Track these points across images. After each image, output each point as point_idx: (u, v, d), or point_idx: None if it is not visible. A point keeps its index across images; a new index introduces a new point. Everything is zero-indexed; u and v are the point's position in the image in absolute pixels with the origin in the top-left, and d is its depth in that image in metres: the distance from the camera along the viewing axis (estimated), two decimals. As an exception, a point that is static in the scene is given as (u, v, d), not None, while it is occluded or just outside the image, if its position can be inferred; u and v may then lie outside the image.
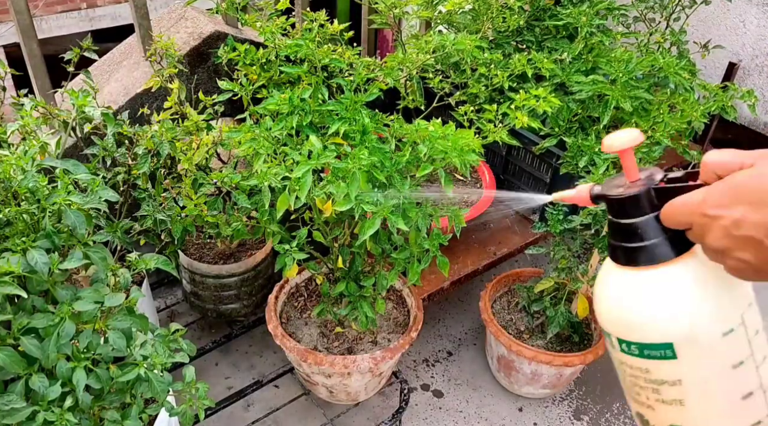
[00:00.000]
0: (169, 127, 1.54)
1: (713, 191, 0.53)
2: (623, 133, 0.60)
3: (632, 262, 0.60)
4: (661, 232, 0.59)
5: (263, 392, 2.07)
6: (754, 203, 0.50)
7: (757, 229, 0.50)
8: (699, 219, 0.54)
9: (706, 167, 0.55)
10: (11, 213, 1.06)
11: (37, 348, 1.00)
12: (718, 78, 2.84)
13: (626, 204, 0.60)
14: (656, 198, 0.59)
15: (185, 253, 2.09)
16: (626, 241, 0.60)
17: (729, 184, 0.52)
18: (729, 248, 0.52)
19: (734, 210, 0.51)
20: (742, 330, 0.60)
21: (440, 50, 1.51)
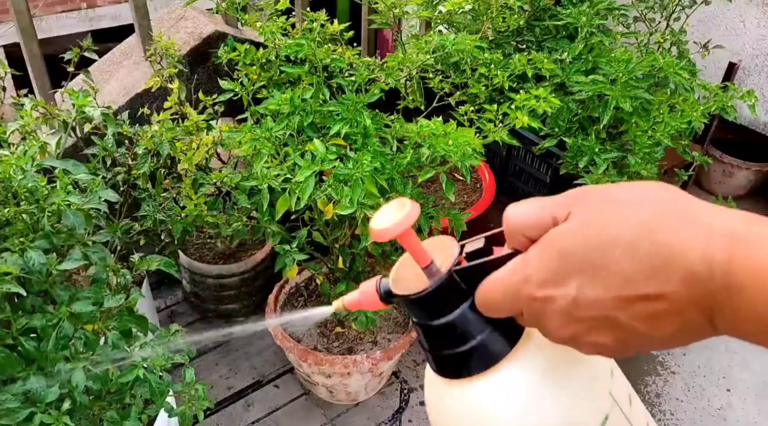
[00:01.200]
0: (169, 127, 1.54)
1: (532, 265, 0.39)
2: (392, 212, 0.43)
3: (461, 373, 0.45)
4: (485, 324, 0.44)
5: (263, 392, 2.07)
6: (587, 271, 0.37)
7: (603, 306, 0.37)
8: (527, 304, 0.40)
9: (510, 229, 0.41)
10: (10, 213, 1.06)
11: (35, 348, 1.00)
12: (718, 78, 2.83)
13: (426, 301, 0.45)
14: (463, 281, 0.44)
15: (185, 253, 2.09)
16: (444, 348, 0.45)
17: (548, 251, 0.38)
18: (577, 334, 0.39)
19: (567, 287, 0.37)
20: (617, 411, 0.47)
21: (440, 50, 1.51)
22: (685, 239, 0.34)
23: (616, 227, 0.36)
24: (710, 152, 2.99)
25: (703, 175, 3.16)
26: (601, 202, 0.38)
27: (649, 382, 2.24)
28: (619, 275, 0.36)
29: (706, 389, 2.22)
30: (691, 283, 0.34)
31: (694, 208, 0.36)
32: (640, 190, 0.38)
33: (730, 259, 0.33)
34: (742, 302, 0.33)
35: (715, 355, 2.35)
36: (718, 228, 0.34)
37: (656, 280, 0.35)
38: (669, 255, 0.34)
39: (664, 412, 2.14)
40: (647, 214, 0.36)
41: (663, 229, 0.35)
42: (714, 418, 2.12)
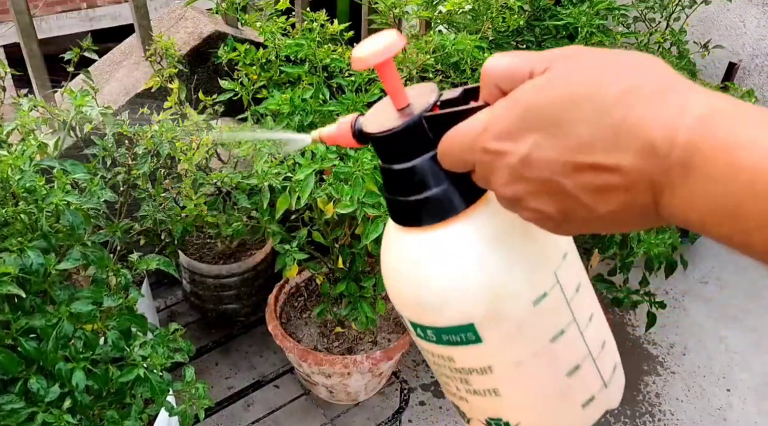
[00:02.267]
0: (169, 127, 1.54)
1: (495, 116, 0.37)
2: (374, 40, 0.42)
3: (412, 221, 0.45)
4: (444, 178, 0.43)
5: (263, 392, 2.07)
6: (547, 129, 0.35)
7: (552, 168, 0.35)
8: (480, 156, 0.38)
9: (485, 79, 0.39)
10: (9, 213, 1.06)
11: (35, 349, 1.00)
12: (718, 78, 2.84)
13: (391, 143, 0.44)
14: (431, 130, 0.43)
15: (185, 253, 2.09)
16: (401, 194, 0.45)
17: (513, 103, 0.36)
18: (521, 195, 0.37)
19: (522, 142, 0.36)
20: (558, 291, 0.46)
21: (440, 50, 1.51)
22: (655, 113, 0.32)
23: (591, 89, 0.34)
24: (710, 152, 2.99)
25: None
26: (585, 61, 0.36)
27: (649, 382, 2.24)
28: (577, 139, 0.34)
29: (706, 389, 2.22)
30: (648, 156, 0.32)
31: (677, 86, 0.33)
32: (630, 59, 0.35)
33: (694, 135, 0.31)
34: (696, 181, 0.31)
35: (715, 355, 2.35)
36: (693, 106, 0.32)
37: (612, 150, 0.33)
38: (634, 125, 0.32)
39: (664, 412, 2.14)
40: (627, 84, 0.33)
41: (637, 101, 0.33)
42: (714, 418, 2.12)
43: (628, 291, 1.84)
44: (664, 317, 2.38)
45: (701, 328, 2.49)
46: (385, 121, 0.44)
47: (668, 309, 1.98)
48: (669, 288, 2.60)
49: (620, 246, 1.65)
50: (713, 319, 2.53)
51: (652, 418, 2.13)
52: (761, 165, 0.29)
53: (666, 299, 2.07)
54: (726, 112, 0.32)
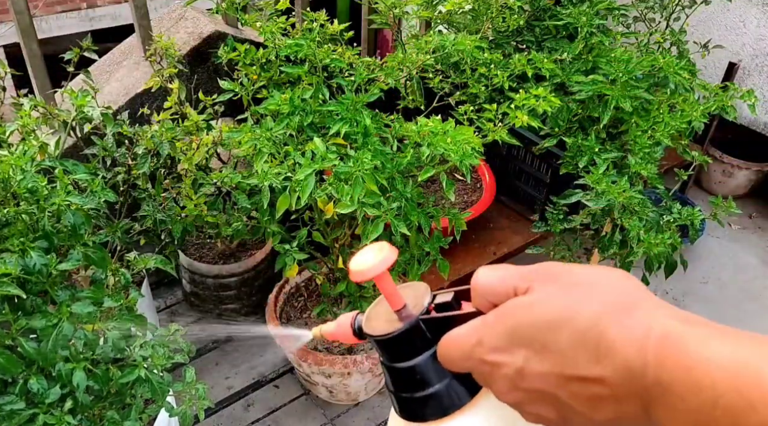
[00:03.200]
0: (169, 127, 1.54)
1: (487, 330, 0.41)
2: (371, 255, 0.46)
3: (417, 417, 0.47)
4: (444, 374, 0.46)
5: (263, 392, 2.07)
6: (533, 347, 0.39)
7: (546, 381, 0.39)
8: (479, 366, 0.42)
9: (476, 292, 0.44)
10: (10, 213, 1.06)
11: (35, 349, 1.00)
12: (718, 78, 2.84)
13: (392, 344, 0.47)
14: (429, 330, 0.46)
15: (185, 253, 2.09)
16: (406, 390, 0.47)
17: (503, 320, 0.41)
18: (521, 401, 0.41)
19: (515, 356, 0.40)
20: None
21: (440, 50, 1.51)
22: (626, 334, 0.36)
23: (568, 311, 0.38)
24: (710, 152, 2.99)
25: (703, 175, 3.16)
26: (561, 283, 0.40)
27: (649, 382, 2.24)
28: (563, 355, 0.38)
29: (706, 389, 2.21)
30: (627, 376, 0.36)
31: (642, 304, 0.38)
32: (600, 279, 0.40)
33: (661, 358, 0.35)
34: (673, 398, 0.35)
35: None
36: (656, 326, 0.36)
37: (597, 365, 0.37)
38: (611, 345, 0.36)
39: (664, 412, 2.14)
40: (599, 305, 0.38)
41: (610, 322, 0.37)
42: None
43: (628, 291, 1.84)
44: (664, 317, 2.38)
45: (701, 327, 2.48)
46: (383, 322, 0.48)
47: (668, 309, 1.98)
48: (669, 288, 2.60)
49: (620, 246, 1.65)
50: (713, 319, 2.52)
51: None
52: (717, 383, 0.33)
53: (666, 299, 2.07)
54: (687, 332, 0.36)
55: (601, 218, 1.68)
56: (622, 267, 1.69)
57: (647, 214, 1.60)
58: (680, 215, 1.68)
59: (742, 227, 2.99)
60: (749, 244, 2.92)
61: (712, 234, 2.88)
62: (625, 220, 1.58)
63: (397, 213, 1.30)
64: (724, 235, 2.88)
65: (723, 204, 1.71)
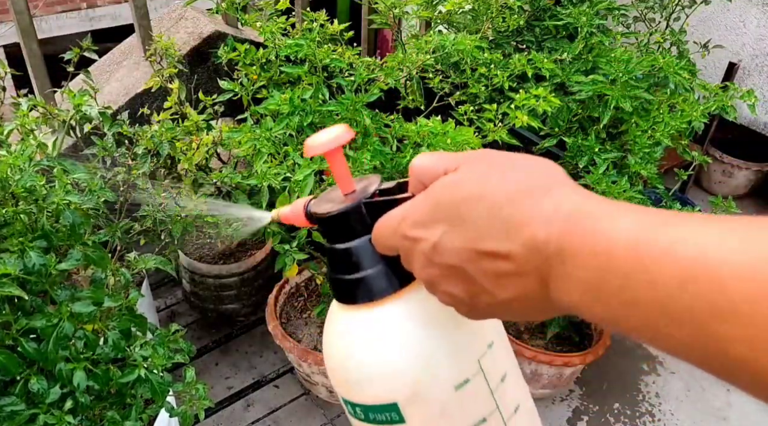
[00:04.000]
0: (169, 127, 1.54)
1: (413, 208, 0.43)
2: (326, 132, 0.47)
3: (348, 299, 0.48)
4: (379, 260, 0.46)
5: (263, 392, 2.07)
6: (453, 220, 0.40)
7: (457, 255, 0.40)
8: (401, 242, 0.43)
9: (412, 175, 0.45)
10: (9, 213, 1.06)
11: (35, 349, 1.00)
12: (718, 78, 2.84)
13: (334, 224, 0.48)
14: (370, 215, 0.47)
15: (185, 253, 2.09)
16: (341, 272, 0.48)
17: (427, 197, 0.42)
18: (434, 278, 0.42)
19: (433, 231, 0.41)
20: (481, 380, 0.48)
21: (440, 50, 1.51)
22: (537, 211, 0.37)
23: (488, 187, 0.39)
24: (710, 152, 2.99)
25: (703, 175, 3.16)
26: (486, 163, 0.41)
27: (649, 382, 2.24)
28: (476, 230, 0.39)
29: (706, 389, 2.22)
30: (532, 248, 0.37)
31: (559, 187, 0.39)
32: (525, 162, 0.41)
33: (566, 228, 0.36)
34: (569, 265, 0.35)
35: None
36: (566, 204, 0.37)
37: (505, 240, 0.38)
38: (520, 221, 0.37)
39: (663, 412, 2.14)
40: (518, 184, 0.39)
41: (523, 200, 0.38)
42: (714, 418, 2.13)
43: (628, 291, 1.84)
44: (664, 317, 2.37)
45: (701, 328, 2.48)
46: (330, 204, 0.49)
47: (668, 309, 1.98)
48: (669, 288, 2.60)
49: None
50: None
51: (652, 418, 2.13)
52: (614, 248, 0.34)
53: (666, 299, 2.07)
54: (593, 208, 0.37)
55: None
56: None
57: (647, 214, 1.59)
58: (680, 215, 1.68)
59: (742, 227, 2.99)
60: (749, 244, 2.91)
61: (712, 234, 2.88)
62: (625, 220, 1.57)
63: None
64: (724, 235, 2.87)
65: (723, 204, 1.71)
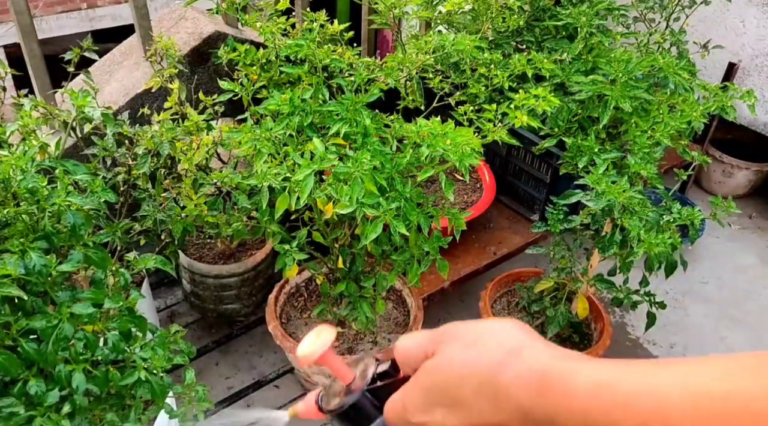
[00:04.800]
0: (169, 128, 1.54)
1: (409, 396, 0.49)
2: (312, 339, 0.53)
3: None
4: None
5: (263, 392, 2.07)
6: (446, 404, 0.46)
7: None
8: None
9: (398, 360, 0.52)
10: (10, 213, 1.06)
11: (35, 350, 1.00)
12: (717, 78, 2.84)
13: (348, 415, 0.54)
14: (376, 398, 0.53)
15: (185, 253, 2.09)
16: None
17: (419, 384, 0.48)
18: None
19: (434, 415, 0.47)
20: None
21: (440, 50, 1.51)
22: (515, 380, 0.43)
23: (467, 368, 0.45)
24: (710, 152, 2.99)
25: (703, 175, 3.16)
26: (460, 342, 0.47)
27: (649, 382, 2.24)
28: (470, 408, 0.45)
29: (706, 389, 2.21)
30: (522, 415, 0.42)
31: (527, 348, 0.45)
32: (493, 331, 0.47)
33: (543, 394, 0.41)
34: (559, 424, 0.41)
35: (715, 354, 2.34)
36: (536, 366, 0.43)
37: (497, 412, 0.43)
38: (505, 392, 0.43)
39: (664, 412, 2.14)
40: (492, 356, 0.45)
41: (501, 371, 0.44)
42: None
43: (628, 291, 1.84)
44: (664, 317, 2.38)
45: (701, 328, 2.49)
46: (337, 397, 0.55)
47: (668, 309, 1.98)
48: (669, 288, 2.60)
49: (620, 246, 1.65)
50: (713, 319, 2.53)
51: None
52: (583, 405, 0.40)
53: (666, 299, 2.07)
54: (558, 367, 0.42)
55: (601, 218, 1.68)
56: (622, 267, 1.69)
57: (647, 214, 1.59)
58: (680, 215, 1.68)
59: (742, 227, 2.99)
60: (749, 244, 2.92)
61: (712, 234, 2.88)
62: (625, 220, 1.58)
63: (396, 213, 1.30)
64: (724, 235, 2.88)
65: (723, 204, 1.71)
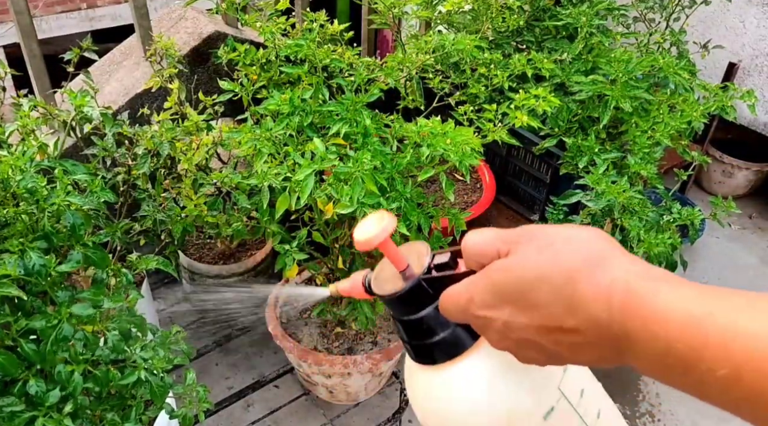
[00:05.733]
0: (169, 128, 1.54)
1: (477, 289, 0.47)
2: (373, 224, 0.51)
3: (429, 361, 0.54)
4: (448, 324, 0.52)
5: (263, 392, 2.07)
6: (516, 303, 0.45)
7: (529, 332, 0.45)
8: (473, 320, 0.49)
9: (466, 254, 0.50)
10: (9, 213, 1.06)
11: (34, 350, 1.00)
12: (718, 78, 2.83)
13: (401, 301, 0.53)
14: (430, 287, 0.52)
15: (185, 253, 2.09)
16: (417, 339, 0.54)
17: (489, 281, 0.47)
18: (511, 349, 0.48)
19: (501, 312, 0.46)
20: (564, 403, 0.54)
21: (440, 50, 1.51)
22: (594, 289, 0.42)
23: (545, 269, 0.44)
24: (710, 152, 2.99)
25: (703, 175, 3.16)
26: (537, 243, 0.46)
27: (648, 382, 2.24)
28: (542, 310, 0.44)
29: (706, 389, 2.21)
30: (597, 327, 0.42)
31: (610, 259, 0.43)
32: (573, 237, 0.45)
33: (624, 311, 0.40)
34: (636, 346, 0.40)
35: None
36: (620, 281, 0.41)
37: (571, 318, 0.43)
38: (581, 299, 0.42)
39: (663, 413, 2.14)
40: (571, 263, 0.43)
41: (580, 277, 0.42)
42: (714, 418, 2.12)
43: (628, 291, 1.84)
44: (664, 317, 2.37)
45: (701, 328, 2.48)
46: (390, 282, 0.54)
47: (668, 309, 1.98)
48: (669, 288, 2.60)
49: (620, 246, 1.65)
50: (713, 319, 2.52)
51: (652, 418, 2.13)
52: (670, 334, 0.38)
53: (666, 299, 2.07)
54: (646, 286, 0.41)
55: (601, 218, 1.68)
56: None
57: (647, 214, 1.59)
58: (680, 215, 1.68)
59: (742, 227, 2.99)
60: (749, 244, 2.92)
61: (712, 234, 2.88)
62: (625, 220, 1.58)
63: (396, 213, 1.30)
64: (724, 235, 2.88)
65: (723, 204, 1.71)
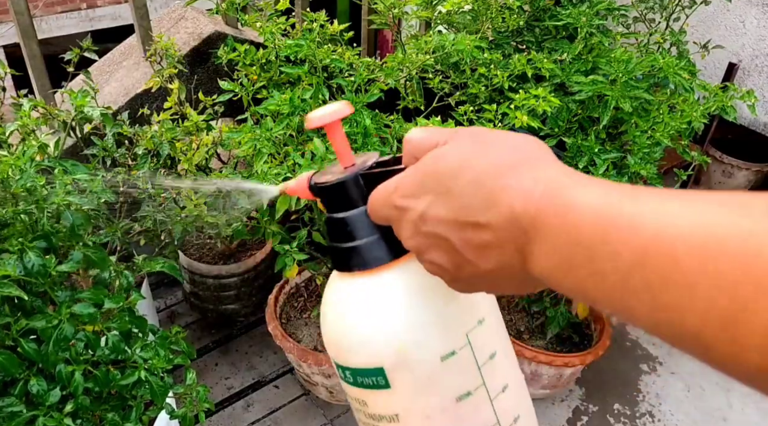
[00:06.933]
0: (168, 128, 1.54)
1: (404, 179, 0.44)
2: (326, 107, 0.48)
3: (344, 267, 0.50)
4: (375, 230, 0.48)
5: (263, 392, 2.07)
6: (438, 192, 0.41)
7: (442, 225, 0.41)
8: (392, 212, 0.45)
9: (405, 148, 0.46)
10: (9, 213, 1.06)
11: (35, 350, 1.00)
12: (718, 78, 2.84)
13: (333, 193, 0.49)
14: (367, 186, 0.48)
15: (185, 254, 2.09)
16: (339, 240, 0.50)
17: (416, 169, 0.43)
18: (420, 248, 0.43)
19: (420, 201, 0.42)
20: (468, 353, 0.49)
21: (440, 50, 1.51)
22: (516, 184, 0.39)
23: (473, 160, 0.41)
24: (710, 152, 2.99)
25: (703, 175, 3.16)
26: (473, 138, 0.43)
27: (649, 382, 2.24)
28: (460, 200, 0.40)
29: (705, 389, 2.22)
30: (510, 220, 0.38)
31: (540, 162, 0.40)
32: (510, 138, 0.42)
33: (542, 201, 0.37)
34: (545, 241, 0.36)
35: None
36: (543, 177, 0.38)
37: (485, 211, 0.39)
38: (501, 193, 0.39)
39: (663, 413, 2.14)
40: (502, 158, 0.40)
41: (505, 173, 0.39)
42: (714, 418, 2.13)
43: (628, 291, 1.85)
44: (664, 317, 2.37)
45: (701, 328, 2.48)
46: (330, 176, 0.50)
47: (668, 309, 1.98)
48: (669, 288, 2.60)
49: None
50: (713, 319, 2.52)
51: (652, 418, 2.13)
52: (582, 221, 0.35)
53: (666, 299, 2.07)
54: (567, 181, 0.38)
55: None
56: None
57: (647, 215, 1.59)
58: (680, 215, 1.68)
59: (742, 227, 2.99)
60: (749, 244, 2.91)
61: (712, 234, 2.88)
62: (625, 221, 1.57)
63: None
64: (724, 235, 2.87)
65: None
